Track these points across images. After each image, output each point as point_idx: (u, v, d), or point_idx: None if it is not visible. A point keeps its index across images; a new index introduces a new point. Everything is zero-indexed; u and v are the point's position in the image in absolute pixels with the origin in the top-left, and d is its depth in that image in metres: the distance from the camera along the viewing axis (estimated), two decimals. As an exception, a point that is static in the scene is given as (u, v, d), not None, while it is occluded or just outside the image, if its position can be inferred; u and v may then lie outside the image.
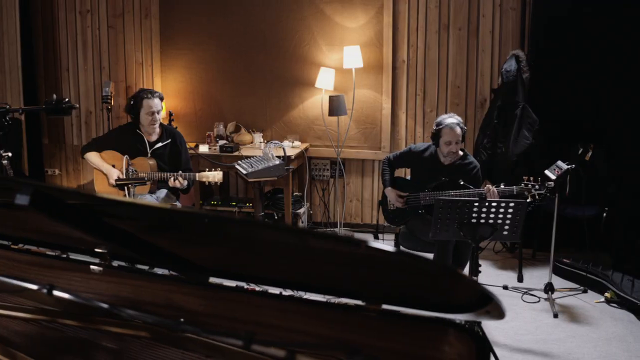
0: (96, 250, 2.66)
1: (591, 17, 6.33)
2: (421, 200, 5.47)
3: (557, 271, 6.09)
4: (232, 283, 2.54)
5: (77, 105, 4.96)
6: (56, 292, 1.83)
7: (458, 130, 5.33)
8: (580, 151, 6.42)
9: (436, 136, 5.45)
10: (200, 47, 7.55)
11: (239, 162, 5.87)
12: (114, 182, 5.47)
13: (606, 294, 5.67)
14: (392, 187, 5.67)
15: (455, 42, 6.99)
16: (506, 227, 4.51)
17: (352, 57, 6.89)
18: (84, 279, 2.65)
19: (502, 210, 4.44)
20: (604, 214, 6.31)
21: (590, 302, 5.66)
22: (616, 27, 6.26)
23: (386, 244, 1.65)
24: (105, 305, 1.89)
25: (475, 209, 4.43)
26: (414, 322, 2.13)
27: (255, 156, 5.99)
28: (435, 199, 4.63)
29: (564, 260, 6.16)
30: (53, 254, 2.84)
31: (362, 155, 7.36)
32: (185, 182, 5.45)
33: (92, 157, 5.64)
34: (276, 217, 7.04)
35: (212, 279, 2.50)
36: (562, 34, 6.49)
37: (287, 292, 2.48)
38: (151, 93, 5.58)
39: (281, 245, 2.08)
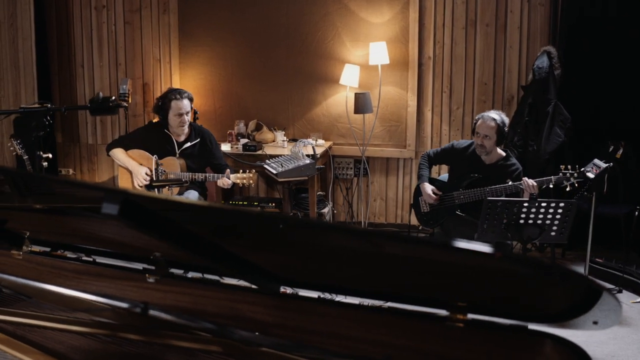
0: (152, 257, 2.53)
1: (623, 15, 6.22)
2: (455, 200, 5.33)
3: (590, 271, 5.98)
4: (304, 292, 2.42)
5: (126, 104, 4.79)
6: (153, 312, 1.66)
7: (490, 122, 5.21)
8: (611, 149, 6.30)
9: (474, 128, 5.34)
10: (220, 43, 7.39)
11: (267, 161, 5.74)
12: (142, 180, 5.32)
13: (643, 294, 5.58)
14: (428, 183, 5.54)
15: (482, 38, 6.86)
16: (554, 227, 4.40)
17: (378, 53, 6.75)
18: (138, 288, 2.52)
19: (551, 210, 4.32)
20: (636, 212, 6.19)
21: (626, 302, 5.54)
22: None
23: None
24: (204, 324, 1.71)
25: (524, 209, 4.31)
26: (505, 332, 1.99)
27: (284, 155, 5.86)
28: (485, 200, 4.50)
29: (597, 259, 6.03)
30: (101, 262, 2.71)
31: (387, 153, 7.21)
32: (231, 182, 5.30)
33: (119, 154, 5.48)
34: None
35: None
36: (594, 30, 6.37)
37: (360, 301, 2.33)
38: (180, 94, 5.43)
39: (358, 252, 1.95)
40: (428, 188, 5.51)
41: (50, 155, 3.73)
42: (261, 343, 2.16)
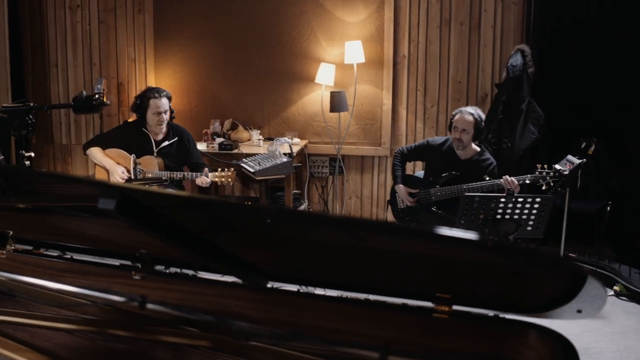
0: (138, 254, 2.54)
1: (596, 14, 6.31)
2: (432, 197, 5.38)
3: (563, 266, 6.04)
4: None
5: (109, 102, 4.78)
6: (150, 306, 1.67)
7: (468, 117, 5.26)
8: (583, 145, 6.40)
9: (451, 123, 5.40)
10: (196, 43, 7.39)
11: (244, 160, 5.75)
12: (119, 179, 5.31)
13: (615, 287, 5.65)
14: (403, 185, 5.58)
15: (456, 37, 6.93)
16: (530, 222, 4.46)
17: (354, 52, 6.79)
18: (124, 285, 2.53)
19: (527, 205, 4.38)
20: (608, 208, 6.28)
21: (599, 296, 5.61)
22: (620, 25, 6.25)
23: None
24: (209, 317, 1.73)
25: (501, 205, 4.37)
26: (490, 322, 2.03)
27: (261, 154, 5.87)
28: (462, 195, 4.55)
29: (570, 254, 6.12)
30: (85, 259, 2.72)
31: (362, 151, 7.25)
32: (209, 180, 5.30)
33: (96, 152, 5.47)
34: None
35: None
36: (567, 30, 6.46)
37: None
38: (158, 92, 5.42)
39: (342, 245, 1.98)
40: (403, 190, 5.56)
41: (33, 154, 3.71)
42: (262, 334, 2.17)
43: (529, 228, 4.48)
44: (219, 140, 6.97)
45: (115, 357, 2.31)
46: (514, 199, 4.38)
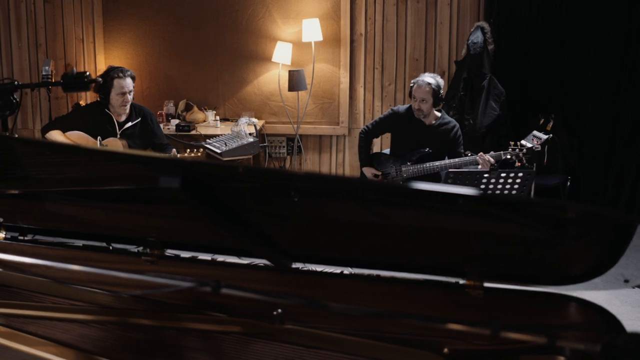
0: (149, 239, 2.45)
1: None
2: (404, 174, 5.37)
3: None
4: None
5: (100, 80, 4.58)
6: (225, 290, 1.59)
7: (425, 87, 5.25)
8: (542, 121, 6.49)
9: (410, 93, 5.40)
10: (147, 21, 7.19)
11: (208, 140, 5.63)
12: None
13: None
14: (369, 166, 5.55)
15: (413, 14, 6.91)
16: (511, 197, 4.48)
17: (311, 30, 6.71)
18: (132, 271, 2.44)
19: (510, 180, 4.41)
20: (568, 183, 6.39)
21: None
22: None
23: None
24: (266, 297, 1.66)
25: (484, 180, 4.38)
26: (527, 297, 2.01)
27: (225, 134, 5.77)
28: (447, 171, 4.55)
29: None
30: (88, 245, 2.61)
31: (320, 131, 7.20)
32: None
33: (57, 136, 5.26)
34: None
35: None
36: (522, 6, 6.54)
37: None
38: (122, 72, 5.24)
39: (367, 221, 1.93)
40: (369, 172, 5.54)
41: (17, 136, 3.56)
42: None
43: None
44: (175, 121, 6.83)
45: (141, 347, 2.22)
46: (496, 174, 4.40)
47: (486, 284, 2.01)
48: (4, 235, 2.66)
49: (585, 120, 6.55)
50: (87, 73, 3.05)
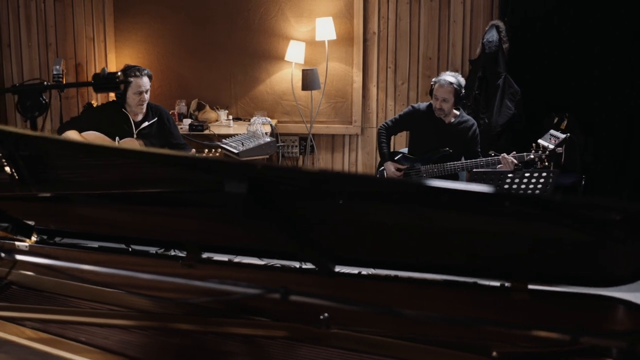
0: (185, 241, 2.42)
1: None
2: (423, 174, 5.34)
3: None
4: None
5: (131, 80, 4.54)
6: (294, 297, 1.56)
7: (447, 86, 5.23)
8: (556, 120, 6.47)
9: (431, 92, 5.37)
10: (159, 20, 7.16)
11: (224, 140, 5.58)
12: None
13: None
14: (391, 161, 5.51)
15: (426, 13, 6.89)
16: (533, 197, 4.46)
17: (325, 29, 6.68)
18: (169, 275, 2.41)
19: (533, 180, 4.39)
20: (583, 182, 6.37)
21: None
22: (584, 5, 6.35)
23: None
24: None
25: (508, 180, 4.37)
26: (573, 299, 1.98)
27: (241, 134, 5.72)
28: (472, 172, 4.53)
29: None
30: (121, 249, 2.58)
31: (332, 130, 7.17)
32: None
33: (73, 136, 5.20)
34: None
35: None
36: (536, 5, 6.51)
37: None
38: (139, 71, 5.20)
39: (411, 225, 1.90)
40: (391, 167, 5.49)
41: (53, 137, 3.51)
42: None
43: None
44: (188, 121, 6.80)
45: (184, 353, 2.18)
46: (520, 174, 4.38)
47: (531, 286, 1.99)
48: (36, 239, 2.63)
49: (599, 118, 6.52)
50: (119, 73, 3.01)
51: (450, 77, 5.29)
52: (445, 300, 2.12)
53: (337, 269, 2.23)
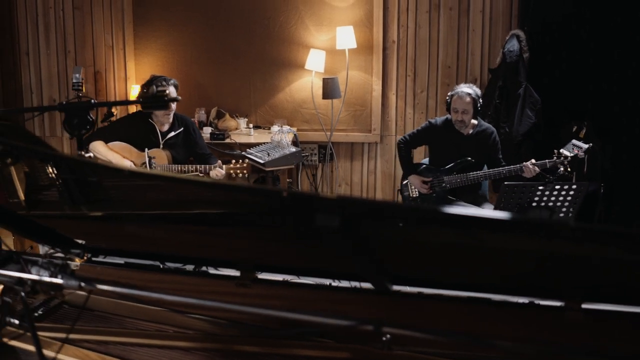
0: (239, 261, 2.43)
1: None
2: (447, 184, 5.35)
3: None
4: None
5: (180, 98, 4.53)
6: (388, 329, 1.57)
7: (466, 98, 5.26)
8: (574, 129, 6.48)
9: (449, 105, 5.39)
10: (178, 28, 7.16)
11: (249, 150, 5.62)
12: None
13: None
14: (414, 174, 5.53)
15: (445, 21, 6.90)
16: (564, 209, 4.49)
17: (345, 37, 6.70)
18: (224, 294, 2.42)
19: (563, 192, 4.41)
20: (602, 190, 6.38)
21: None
22: (608, 8, 6.34)
23: None
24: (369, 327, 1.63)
25: (538, 192, 4.39)
26: (630, 319, 1.99)
27: (265, 143, 5.75)
28: (502, 185, 4.53)
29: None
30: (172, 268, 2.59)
31: (352, 138, 7.19)
32: (224, 172, 5.14)
33: (99, 147, 5.23)
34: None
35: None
36: (556, 14, 6.52)
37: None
38: (166, 81, 5.23)
39: (465, 245, 1.92)
40: (416, 180, 5.50)
41: (92, 155, 3.53)
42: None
43: (562, 214, 4.51)
44: (208, 129, 6.80)
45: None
46: (551, 186, 4.40)
47: (585, 305, 2.00)
48: (87, 258, 2.64)
49: (619, 123, 6.52)
50: (167, 91, 3.02)
51: (466, 88, 5.33)
52: (498, 319, 2.14)
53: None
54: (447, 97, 5.42)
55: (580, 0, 6.39)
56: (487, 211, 4.11)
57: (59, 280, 1.84)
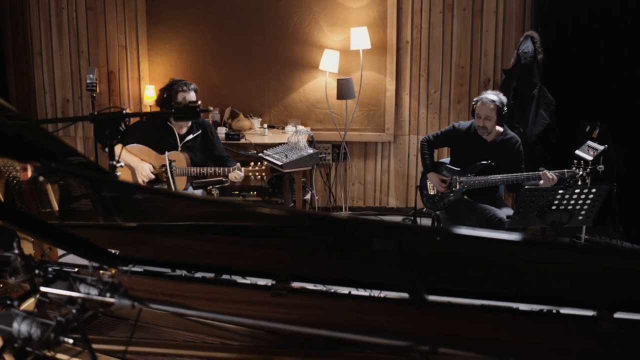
0: (275, 272, 2.45)
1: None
2: (465, 185, 5.37)
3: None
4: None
5: (212, 108, 4.54)
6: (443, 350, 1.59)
7: (490, 104, 5.27)
8: (587, 129, 6.49)
9: (474, 110, 5.41)
10: (192, 28, 7.18)
11: (266, 152, 5.64)
12: (146, 177, 5.14)
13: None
14: (433, 172, 5.56)
15: (459, 22, 6.92)
16: (583, 212, 4.51)
17: (360, 38, 6.71)
18: (257, 304, 2.44)
19: (582, 196, 4.43)
20: (615, 190, 6.40)
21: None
22: (621, 10, 6.36)
23: None
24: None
25: (558, 196, 4.41)
26: None
27: (282, 145, 5.77)
28: (523, 189, 4.56)
29: (578, 235, 6.22)
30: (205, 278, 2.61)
31: (365, 138, 7.21)
32: (243, 175, 5.15)
33: (118, 149, 5.24)
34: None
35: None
36: (569, 15, 6.54)
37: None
38: (186, 85, 5.24)
39: (499, 258, 1.94)
40: (435, 178, 5.53)
41: (123, 165, 3.56)
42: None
43: (580, 217, 4.53)
44: (223, 130, 6.81)
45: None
46: (571, 190, 4.42)
47: (618, 315, 2.02)
48: (121, 268, 2.65)
49: (630, 123, 6.54)
50: (199, 102, 3.04)
51: (492, 95, 5.34)
52: (530, 328, 2.15)
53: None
54: (473, 102, 5.44)
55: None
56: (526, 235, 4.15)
57: (112, 300, 1.86)
